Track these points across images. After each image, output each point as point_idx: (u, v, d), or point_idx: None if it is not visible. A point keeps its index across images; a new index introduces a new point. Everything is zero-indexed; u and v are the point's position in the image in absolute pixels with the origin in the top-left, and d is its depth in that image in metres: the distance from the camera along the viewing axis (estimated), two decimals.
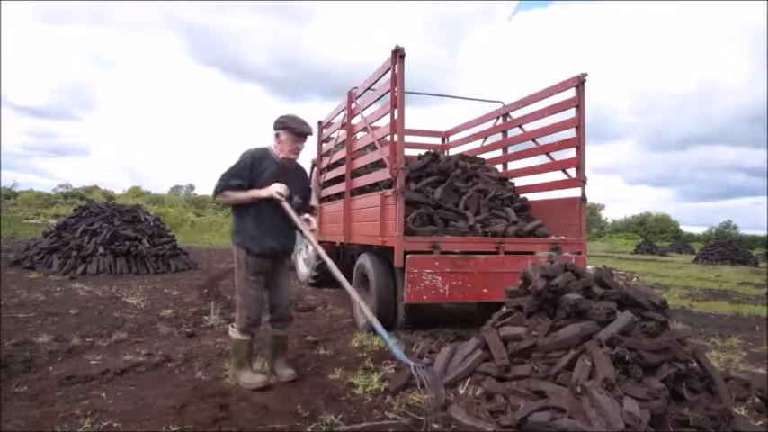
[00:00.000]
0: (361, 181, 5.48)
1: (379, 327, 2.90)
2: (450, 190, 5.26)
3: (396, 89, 4.35)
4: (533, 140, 5.73)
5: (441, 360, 3.27)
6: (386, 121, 4.71)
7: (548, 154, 5.55)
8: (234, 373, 3.12)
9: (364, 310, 3.10)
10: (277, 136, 3.11)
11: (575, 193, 5.13)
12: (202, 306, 5.59)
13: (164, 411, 2.62)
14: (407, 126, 4.74)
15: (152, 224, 9.93)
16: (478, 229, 4.79)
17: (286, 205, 3.07)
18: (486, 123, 6.80)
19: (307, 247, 8.24)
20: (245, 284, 3.12)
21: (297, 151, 3.15)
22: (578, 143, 5.01)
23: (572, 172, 5.12)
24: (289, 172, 3.17)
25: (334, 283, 6.82)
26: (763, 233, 50.70)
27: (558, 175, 5.40)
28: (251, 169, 3.06)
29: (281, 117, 3.14)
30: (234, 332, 3.16)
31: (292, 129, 3.07)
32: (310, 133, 3.19)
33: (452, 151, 7.32)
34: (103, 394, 2.86)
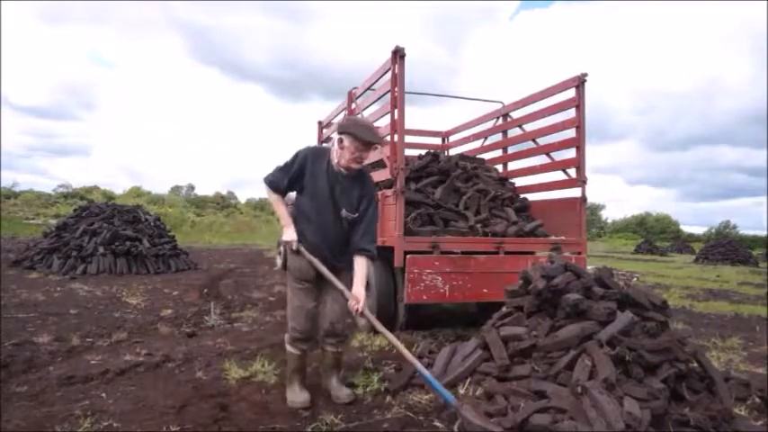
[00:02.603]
0: None
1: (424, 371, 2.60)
2: (451, 190, 5.26)
3: (396, 89, 4.35)
4: (533, 140, 5.72)
5: (441, 360, 3.27)
6: (386, 121, 4.71)
7: (548, 154, 5.54)
8: (286, 384, 2.93)
9: (413, 362, 2.67)
10: (340, 141, 2.67)
11: (575, 193, 5.13)
12: (202, 306, 5.59)
13: (164, 411, 2.62)
14: (407, 126, 4.75)
15: (152, 224, 9.93)
16: (479, 229, 4.78)
17: (313, 260, 2.74)
18: (486, 123, 6.80)
19: None
20: (290, 292, 2.89)
21: (359, 161, 2.70)
22: (578, 143, 5.01)
23: (572, 172, 5.12)
24: (345, 183, 2.75)
25: None
26: (763, 233, 50.76)
27: (558, 175, 5.40)
28: (300, 170, 2.74)
29: (346, 120, 2.77)
30: (286, 342, 2.95)
31: (357, 136, 2.62)
32: (378, 142, 2.79)
33: (452, 151, 7.31)
34: (103, 394, 2.86)
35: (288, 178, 2.76)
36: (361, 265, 2.77)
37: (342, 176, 2.73)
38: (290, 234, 2.78)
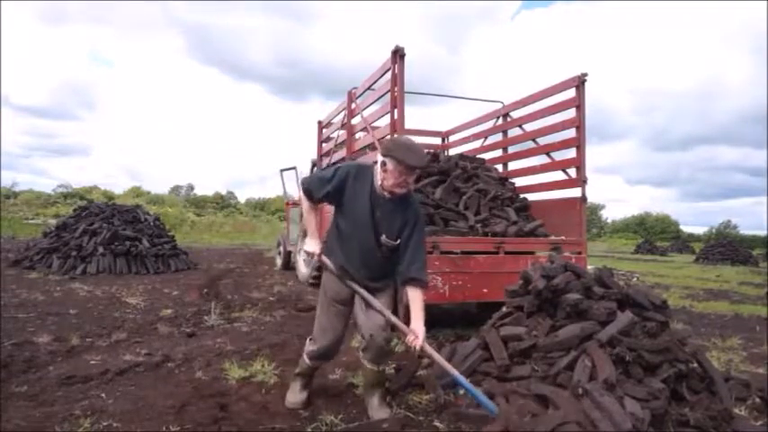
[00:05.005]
0: None
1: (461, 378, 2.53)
2: (451, 190, 5.26)
3: (396, 89, 4.36)
4: (533, 140, 5.73)
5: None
6: (386, 121, 4.71)
7: (548, 154, 5.55)
8: (290, 380, 2.94)
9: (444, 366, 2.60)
10: (383, 164, 2.48)
11: (575, 193, 5.14)
12: (202, 306, 5.59)
13: (164, 411, 2.62)
14: (407, 126, 4.75)
15: (152, 224, 9.92)
16: (479, 229, 4.79)
17: (363, 292, 2.61)
18: (486, 123, 6.80)
19: None
20: (320, 310, 2.78)
21: (404, 185, 2.51)
22: (579, 143, 5.01)
23: (572, 172, 5.13)
24: (387, 207, 2.57)
25: None
26: (763, 233, 50.74)
27: (558, 175, 5.40)
28: (340, 185, 2.58)
29: (390, 142, 2.59)
30: (305, 347, 2.88)
31: (401, 160, 2.43)
32: (422, 166, 2.59)
33: (452, 151, 7.32)
34: (103, 394, 2.86)
35: (326, 190, 2.60)
36: (416, 297, 2.57)
37: (384, 200, 2.55)
38: (313, 245, 2.65)
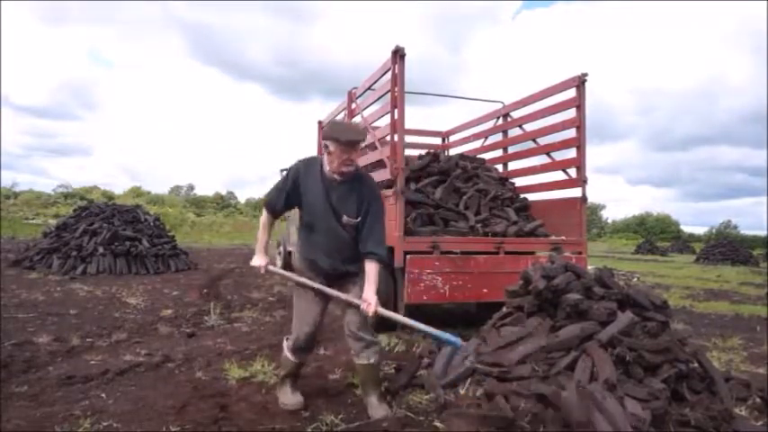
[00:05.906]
0: None
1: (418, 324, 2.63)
2: (451, 190, 5.26)
3: (396, 89, 4.35)
4: (534, 140, 5.72)
5: (441, 360, 3.26)
6: (386, 121, 4.71)
7: (548, 154, 5.54)
8: (277, 386, 2.94)
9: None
10: (326, 147, 2.59)
11: (575, 193, 5.13)
12: (202, 306, 5.59)
13: (164, 411, 2.62)
14: (408, 126, 4.74)
15: (152, 224, 9.92)
16: (479, 230, 4.78)
17: (317, 285, 2.70)
18: (486, 123, 6.80)
19: None
20: (295, 298, 2.84)
21: (349, 163, 2.59)
22: (579, 143, 5.01)
23: (572, 172, 5.12)
24: (342, 189, 2.66)
25: None
26: (763, 233, 50.75)
27: (558, 175, 5.40)
28: (295, 184, 2.69)
29: (328, 125, 2.74)
30: (284, 346, 2.89)
31: (338, 138, 2.54)
32: (360, 140, 2.67)
33: (453, 151, 7.31)
34: (103, 394, 2.86)
35: (284, 195, 2.72)
36: (369, 270, 2.66)
37: (337, 183, 2.65)
38: (256, 260, 2.82)
